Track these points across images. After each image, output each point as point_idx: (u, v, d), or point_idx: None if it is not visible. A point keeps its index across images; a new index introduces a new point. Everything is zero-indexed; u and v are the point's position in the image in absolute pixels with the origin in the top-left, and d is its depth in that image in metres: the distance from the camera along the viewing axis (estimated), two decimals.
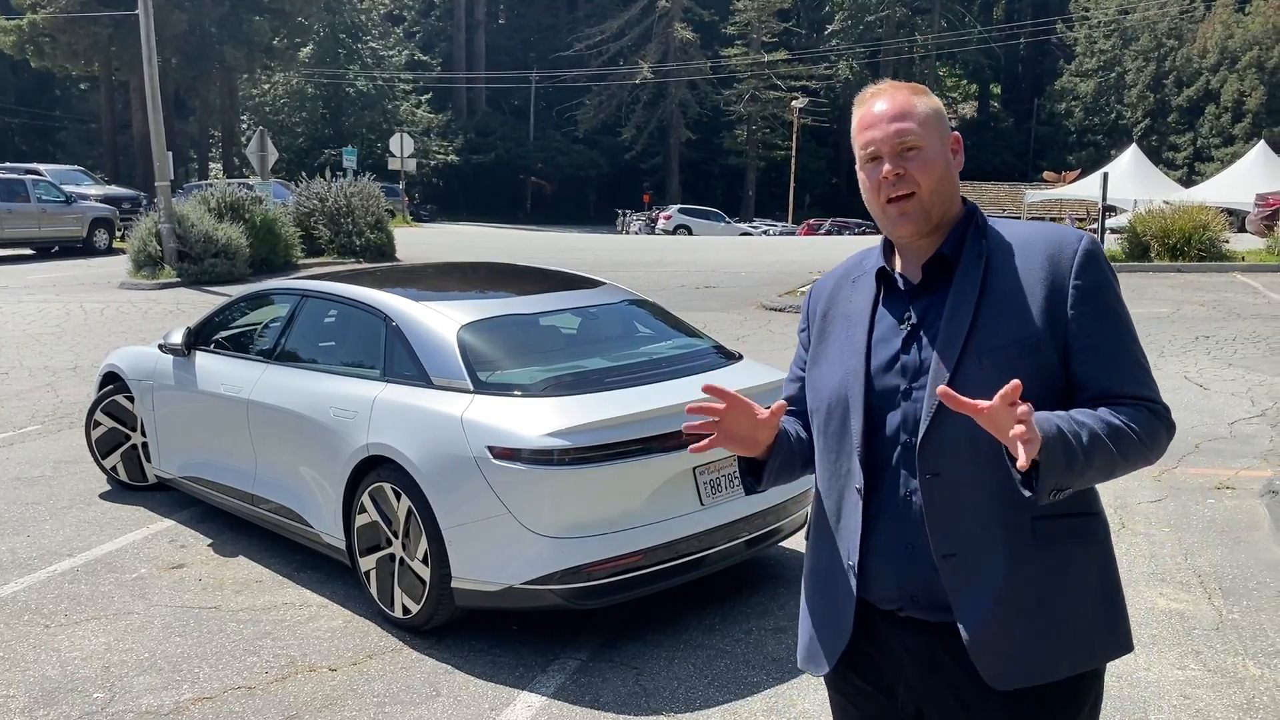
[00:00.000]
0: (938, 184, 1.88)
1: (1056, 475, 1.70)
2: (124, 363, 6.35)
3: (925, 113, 1.90)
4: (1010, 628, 1.80)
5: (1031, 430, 1.63)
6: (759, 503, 4.49)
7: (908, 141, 1.87)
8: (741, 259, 21.65)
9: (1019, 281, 1.84)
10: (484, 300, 5.05)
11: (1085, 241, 1.86)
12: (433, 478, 4.21)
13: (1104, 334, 1.83)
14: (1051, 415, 1.73)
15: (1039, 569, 1.82)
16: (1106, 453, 1.75)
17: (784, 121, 59.77)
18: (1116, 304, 1.86)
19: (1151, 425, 1.82)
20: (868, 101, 1.93)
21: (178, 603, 4.83)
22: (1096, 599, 1.87)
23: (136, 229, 18.30)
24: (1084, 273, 1.83)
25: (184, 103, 55.80)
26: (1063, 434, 1.70)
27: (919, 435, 1.83)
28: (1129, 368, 1.84)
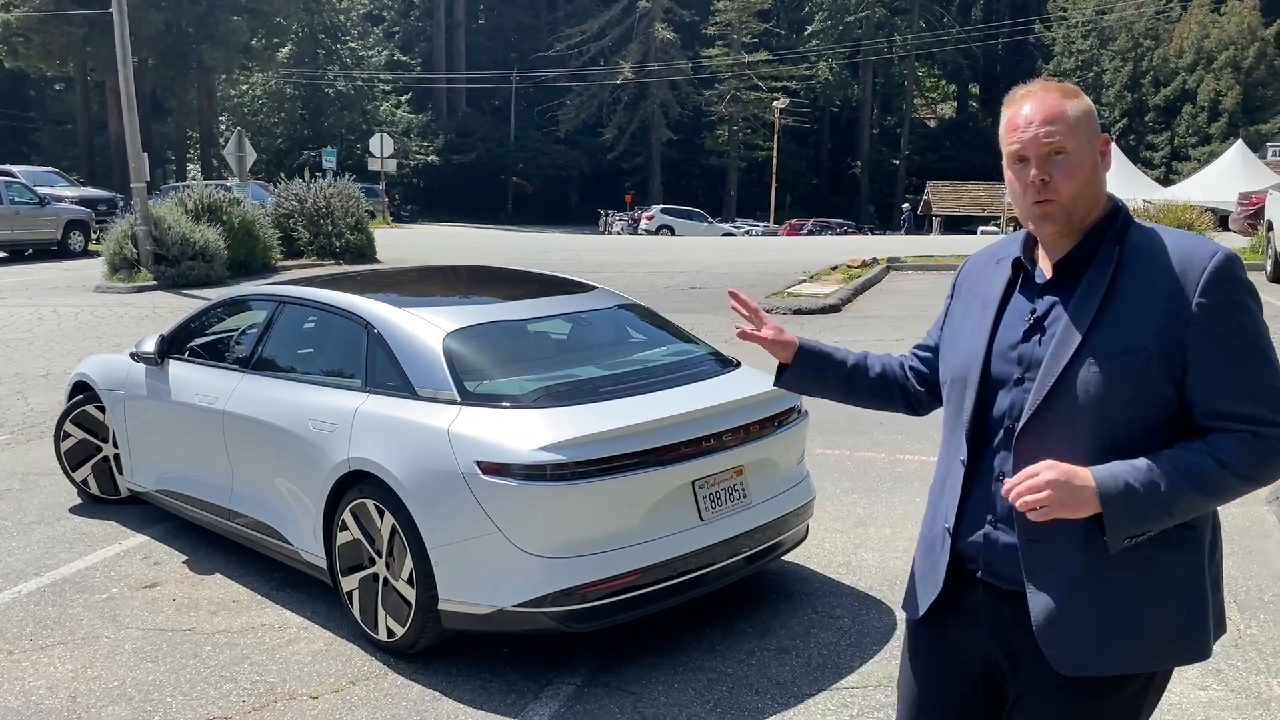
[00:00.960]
0: (1082, 188, 1.91)
1: (1123, 529, 1.79)
2: (94, 371, 6.11)
3: (1075, 116, 1.91)
4: (1080, 618, 1.86)
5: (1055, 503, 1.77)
6: (760, 517, 4.31)
7: (1055, 144, 1.90)
8: (726, 259, 21.48)
9: (1145, 291, 1.86)
10: (470, 306, 4.84)
11: (1218, 259, 1.84)
12: (418, 494, 4.00)
13: (1222, 352, 1.81)
14: (1124, 468, 1.79)
15: (1118, 568, 1.85)
16: (1189, 497, 1.79)
17: (765, 122, 59.74)
18: (1243, 321, 1.83)
19: (1256, 453, 1.80)
20: (1017, 103, 1.96)
21: (150, 625, 4.60)
22: (1178, 606, 1.89)
23: (112, 231, 17.96)
24: (1210, 290, 1.81)
25: (161, 103, 55.21)
26: (1129, 494, 1.77)
27: (1020, 424, 1.91)
28: (1246, 386, 1.81)
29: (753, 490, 4.32)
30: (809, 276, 17.14)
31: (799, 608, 4.62)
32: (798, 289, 15.44)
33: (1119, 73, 59.83)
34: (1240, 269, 1.85)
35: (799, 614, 4.56)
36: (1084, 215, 1.93)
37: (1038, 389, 1.89)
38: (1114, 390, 1.83)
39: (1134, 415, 1.84)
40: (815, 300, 14.12)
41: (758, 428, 4.31)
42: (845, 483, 6.39)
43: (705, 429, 4.11)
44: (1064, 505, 1.79)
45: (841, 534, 5.52)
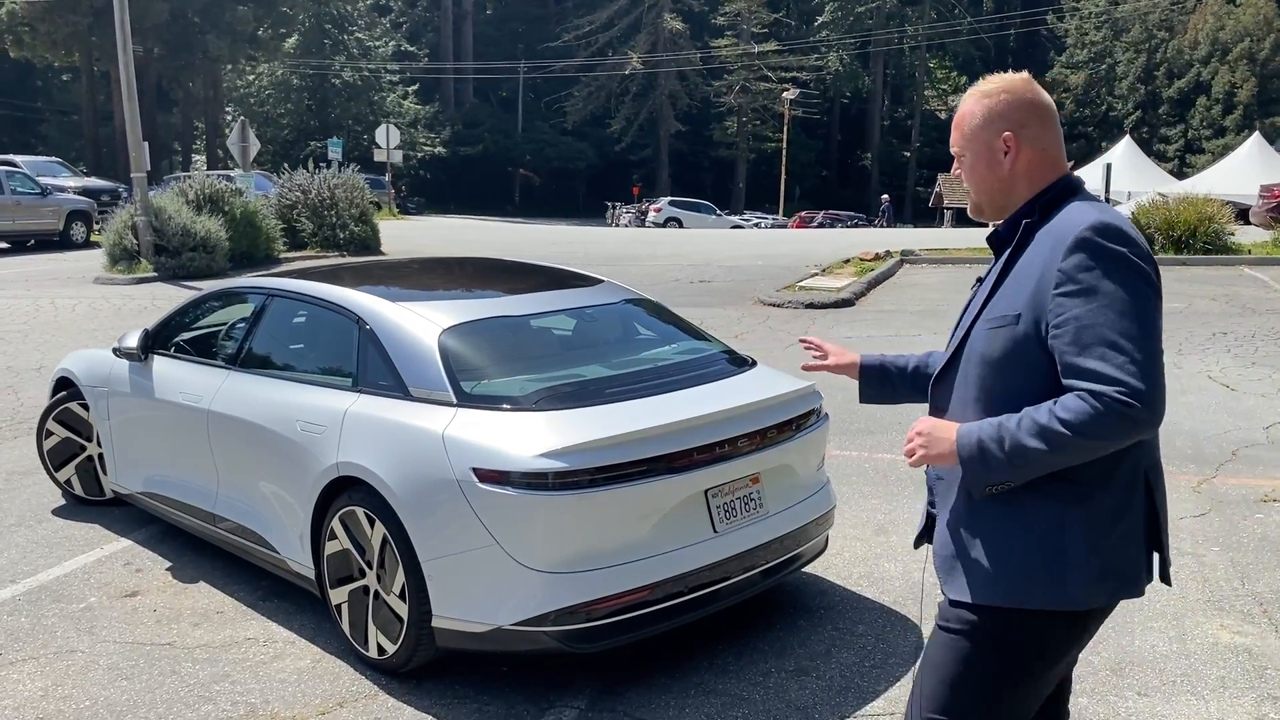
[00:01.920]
0: (980, 184, 2.20)
1: (978, 479, 2.03)
2: (77, 367, 5.83)
3: (972, 125, 2.18)
4: (956, 548, 2.10)
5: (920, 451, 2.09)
6: (777, 528, 4.02)
7: (956, 151, 2.24)
8: (735, 252, 21.14)
9: (1030, 264, 2.06)
10: (469, 301, 4.54)
11: (1084, 228, 1.98)
12: (410, 503, 3.72)
13: (1073, 313, 1.95)
14: (981, 426, 2.02)
15: (989, 508, 2.06)
16: (1037, 454, 1.94)
17: (774, 113, 59.29)
18: (1096, 284, 1.94)
19: (1092, 416, 1.90)
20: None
21: (128, 638, 4.33)
22: (1038, 550, 2.03)
23: (112, 222, 17.67)
24: (1070, 255, 1.98)
25: (167, 94, 54.97)
26: (980, 447, 2.00)
27: (931, 380, 2.24)
28: (1095, 346, 1.92)
29: (769, 499, 4.03)
30: (821, 270, 16.82)
31: (818, 624, 4.32)
32: (809, 283, 15.12)
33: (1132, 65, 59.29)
34: (1109, 237, 1.97)
35: (818, 631, 4.26)
36: (1000, 205, 2.19)
37: (946, 349, 2.22)
38: (990, 352, 2.08)
39: (1010, 375, 2.05)
40: (828, 294, 13.80)
41: (775, 432, 4.02)
42: (864, 487, 6.08)
43: (719, 434, 3.82)
44: (929, 455, 2.08)
45: (862, 542, 5.22)
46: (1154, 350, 1.94)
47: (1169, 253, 17.39)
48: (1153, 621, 4.28)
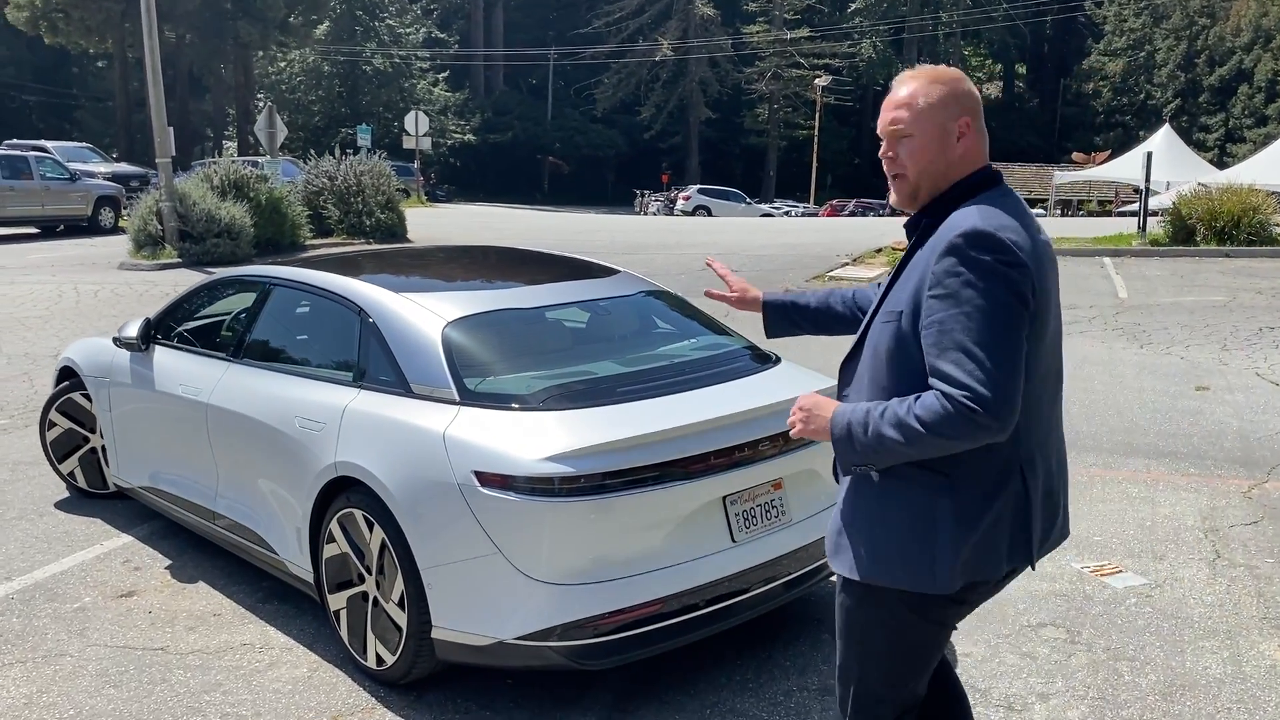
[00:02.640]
0: (926, 166, 2.18)
1: (845, 458, 2.19)
2: (79, 356, 5.66)
3: (926, 103, 2.16)
4: (838, 524, 2.26)
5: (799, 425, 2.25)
6: (801, 536, 3.76)
7: (899, 131, 2.20)
8: (765, 241, 20.82)
9: (917, 262, 2.15)
10: (476, 292, 4.31)
11: (957, 233, 2.05)
12: (409, 507, 3.50)
13: (938, 315, 2.04)
14: (852, 409, 2.14)
15: (862, 491, 2.22)
16: (894, 443, 2.05)
17: (806, 100, 58.72)
18: (960, 291, 2.02)
19: (941, 416, 2.00)
20: (894, 85, 2.24)
21: (120, 642, 4.14)
22: (899, 533, 2.16)
23: (137, 208, 17.60)
24: (941, 259, 2.05)
25: (199, 81, 55.18)
26: (849, 429, 2.12)
27: (840, 365, 2.34)
28: (950, 351, 2.01)
29: (793, 506, 3.78)
30: (852, 259, 16.49)
31: None
32: (840, 272, 14.81)
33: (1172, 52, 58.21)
34: (978, 246, 2.03)
35: None
36: (929, 191, 2.20)
37: (854, 338, 2.32)
38: (879, 344, 2.18)
39: (896, 366, 2.14)
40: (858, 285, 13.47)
41: None
42: None
43: (739, 436, 3.57)
44: (807, 429, 2.23)
45: None
46: (1007, 359, 2.00)
47: (1211, 244, 16.90)
48: (1204, 640, 4.00)
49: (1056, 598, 4.40)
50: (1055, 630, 4.11)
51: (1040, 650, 3.93)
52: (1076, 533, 5.09)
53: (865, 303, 2.74)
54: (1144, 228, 18.53)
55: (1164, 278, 14.42)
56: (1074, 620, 4.20)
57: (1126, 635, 4.06)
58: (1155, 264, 15.92)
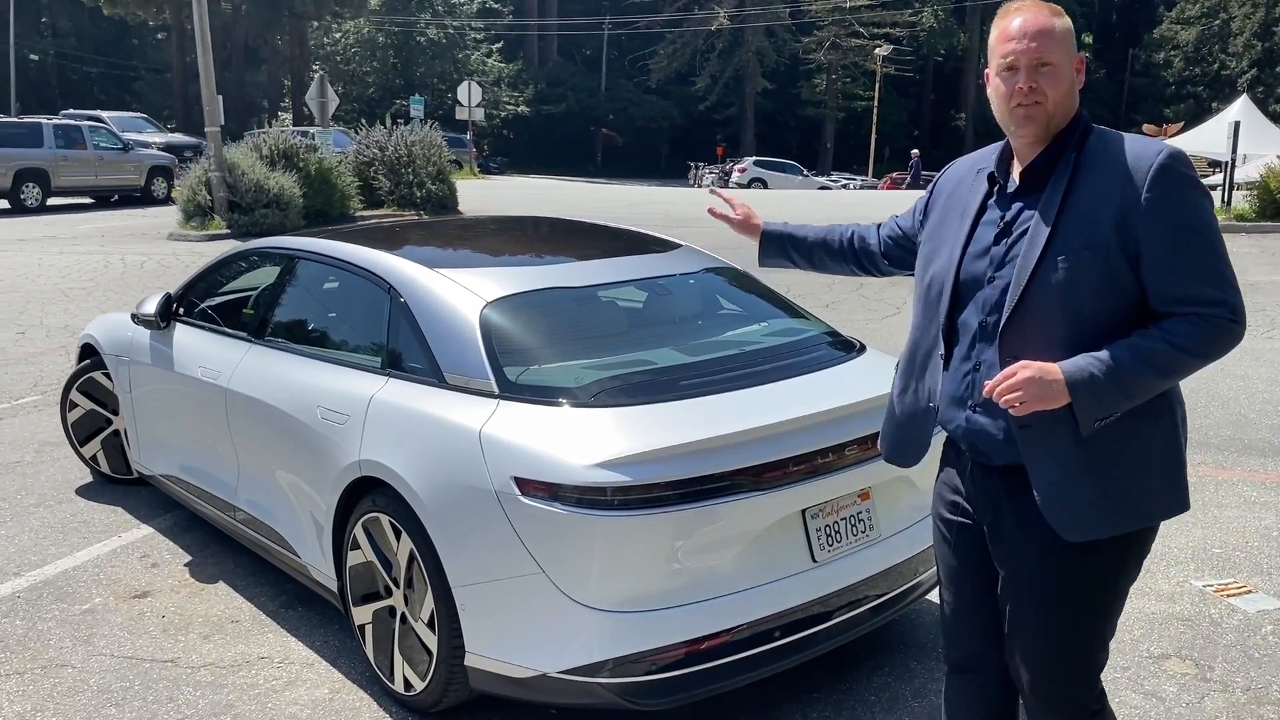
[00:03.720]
0: (1063, 97, 2.11)
1: (1091, 413, 2.00)
2: (100, 333, 5.30)
3: (1060, 32, 2.12)
4: (1077, 490, 2.06)
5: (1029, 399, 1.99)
6: (891, 554, 3.26)
7: (1044, 58, 2.10)
8: (823, 214, 20.13)
9: (1101, 191, 2.04)
10: (521, 268, 3.83)
11: (1163, 156, 2.00)
12: (439, 515, 3.05)
13: (1168, 241, 1.98)
14: (1089, 360, 1.99)
15: (1105, 441, 2.04)
16: (1147, 379, 1.99)
17: (865, 71, 57.29)
18: (1186, 211, 2.00)
19: (1203, 332, 1.98)
20: (1009, 16, 2.15)
21: (128, 651, 3.76)
22: (1159, 467, 2.09)
23: (186, 178, 17.41)
24: (1155, 185, 1.99)
25: (255, 52, 55.26)
26: (1092, 383, 1.98)
27: (1001, 324, 2.09)
28: (1196, 270, 1.98)
29: (882, 519, 3.27)
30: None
31: (935, 667, 3.56)
32: None
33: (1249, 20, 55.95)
34: (1185, 165, 2.01)
35: (936, 676, 3.50)
36: (1059, 123, 2.12)
37: (1014, 289, 2.07)
38: (1080, 283, 2.01)
39: (1101, 305, 2.02)
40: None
41: None
42: None
43: (821, 439, 3.06)
44: (1039, 399, 1.99)
45: None
46: (1231, 267, 2.03)
47: None
48: None
49: (1178, 622, 3.85)
50: (1182, 664, 3.56)
51: (1167, 689, 3.39)
52: (1193, 544, 4.52)
53: (863, 243, 2.68)
54: (1229, 202, 17.58)
55: (1254, 255, 13.57)
56: (1202, 652, 3.64)
57: (1268, 673, 3.50)
58: (1242, 240, 15.03)
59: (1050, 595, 2.13)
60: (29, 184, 21.17)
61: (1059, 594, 2.12)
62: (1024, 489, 2.09)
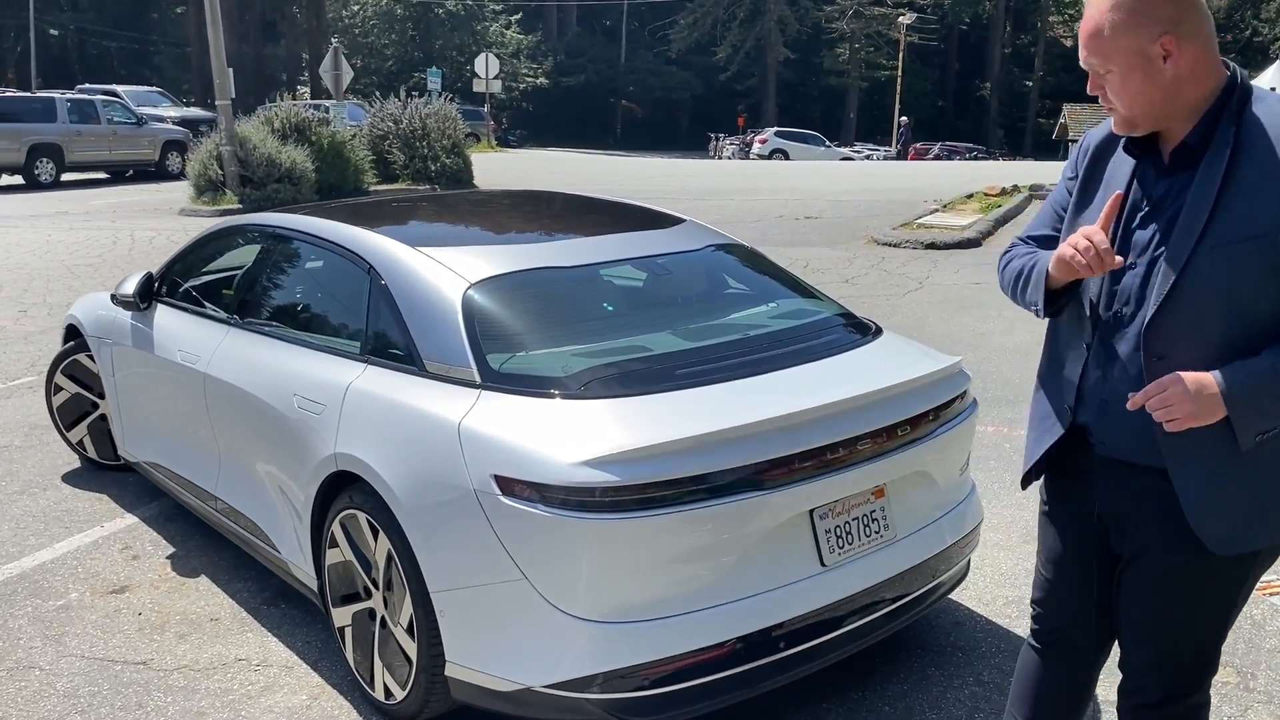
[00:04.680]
0: (1135, 98, 1.87)
1: (1252, 427, 1.83)
2: (83, 314, 5.09)
3: (1111, 32, 1.85)
4: (1228, 502, 1.90)
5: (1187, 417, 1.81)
6: (907, 556, 3.00)
7: (1097, 66, 1.90)
8: (846, 187, 19.73)
9: (1266, 173, 1.79)
10: (511, 246, 3.58)
11: None
12: (416, 514, 2.82)
13: None
14: (1247, 371, 1.79)
15: (1260, 453, 1.86)
16: None
17: (889, 40, 56.46)
18: None
19: None
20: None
21: (99, 653, 3.56)
22: None
23: (197, 152, 17.22)
24: None
25: (273, 25, 54.96)
26: (1254, 393, 1.79)
27: (1147, 319, 1.89)
28: None
29: (897, 519, 3.01)
30: (941, 206, 15.39)
31: (954, 674, 3.31)
32: (929, 220, 13.77)
33: None
34: None
35: (955, 684, 3.25)
36: (1162, 115, 1.89)
37: (1162, 281, 1.87)
38: (1240, 277, 1.80)
39: (1264, 303, 1.81)
40: (950, 233, 12.46)
41: (908, 428, 2.98)
42: (1005, 474, 4.98)
43: (831, 433, 2.80)
44: (1193, 416, 1.82)
45: (1007, 552, 4.17)
46: None
47: None
48: None
49: None
50: (1223, 671, 3.29)
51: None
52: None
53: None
54: None
55: None
56: (1244, 658, 3.38)
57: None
58: None
59: (1183, 597, 2.02)
60: (43, 159, 21.06)
61: (1193, 596, 2.02)
62: (1164, 494, 1.94)
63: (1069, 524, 2.19)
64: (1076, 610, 2.23)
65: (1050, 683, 2.32)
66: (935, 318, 8.40)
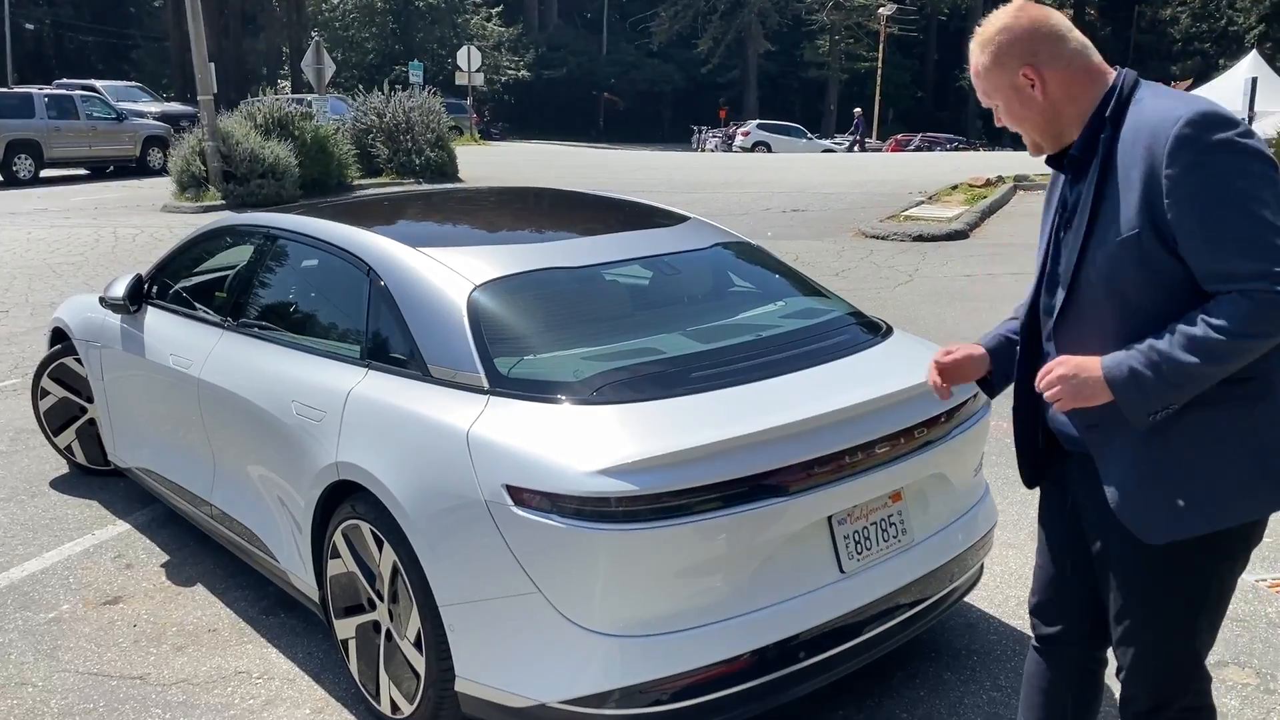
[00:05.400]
0: (1022, 123, 2.06)
1: (1140, 408, 1.88)
2: (70, 316, 4.97)
3: (989, 71, 2.05)
4: (1147, 490, 1.94)
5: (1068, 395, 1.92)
6: (925, 561, 2.95)
7: (986, 99, 2.10)
8: (831, 179, 19.69)
9: (1128, 175, 1.89)
10: (514, 246, 3.50)
11: (1179, 126, 1.83)
12: (423, 526, 2.74)
13: (1196, 216, 1.82)
14: (1129, 355, 1.87)
15: (1170, 437, 1.91)
16: (1196, 368, 1.81)
17: (869, 31, 56.45)
18: (1210, 182, 1.81)
19: (1245, 312, 1.78)
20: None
21: (94, 667, 3.47)
22: (1246, 456, 1.91)
23: (179, 147, 17.02)
24: (1174, 160, 1.83)
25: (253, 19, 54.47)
26: (1134, 376, 1.86)
27: (1053, 318, 2.05)
28: (1228, 245, 1.80)
29: (915, 523, 2.96)
30: (927, 197, 15.37)
31: (970, 678, 3.26)
32: (916, 212, 13.74)
33: None
34: (1209, 128, 1.82)
35: (971, 689, 3.20)
36: (1055, 132, 2.04)
37: (1062, 284, 2.02)
38: (1120, 273, 1.91)
39: (1148, 294, 1.89)
40: (938, 225, 12.42)
41: (924, 430, 2.93)
42: (1009, 470, 4.90)
43: (850, 437, 2.74)
44: (1076, 397, 1.93)
45: (1016, 550, 4.12)
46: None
47: None
48: None
49: (1232, 623, 3.54)
50: (1242, 672, 3.26)
51: (1229, 703, 3.08)
52: None
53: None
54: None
55: None
56: (1263, 657, 3.34)
57: None
58: None
59: (1137, 587, 2.05)
60: (21, 155, 20.81)
61: (1145, 587, 2.04)
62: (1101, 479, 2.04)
63: (1053, 521, 2.26)
64: (1067, 608, 2.26)
65: (1054, 686, 2.32)
66: (927, 311, 8.36)
